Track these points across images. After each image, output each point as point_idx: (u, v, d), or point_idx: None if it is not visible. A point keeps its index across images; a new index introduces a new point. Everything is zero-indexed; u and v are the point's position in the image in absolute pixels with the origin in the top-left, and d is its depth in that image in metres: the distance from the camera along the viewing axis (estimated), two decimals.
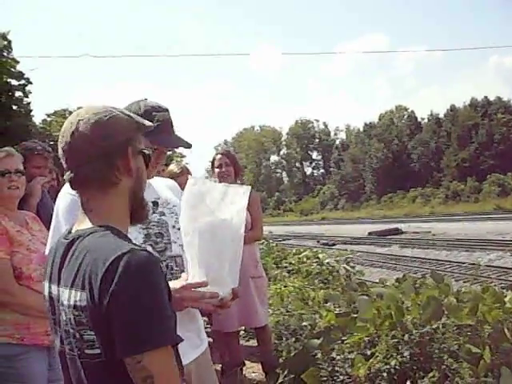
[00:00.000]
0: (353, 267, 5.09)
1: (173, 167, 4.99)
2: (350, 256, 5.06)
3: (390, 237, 28.88)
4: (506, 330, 2.09)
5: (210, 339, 5.24)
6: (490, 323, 2.03)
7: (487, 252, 19.02)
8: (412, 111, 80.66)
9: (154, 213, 2.16)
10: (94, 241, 1.38)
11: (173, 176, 4.13)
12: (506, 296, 2.16)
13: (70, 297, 1.37)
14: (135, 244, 1.40)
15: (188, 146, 2.24)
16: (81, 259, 1.37)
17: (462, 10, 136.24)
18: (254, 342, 5.42)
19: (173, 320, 1.35)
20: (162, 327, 1.30)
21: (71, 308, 1.36)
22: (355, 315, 2.86)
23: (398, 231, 31.50)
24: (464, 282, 13.70)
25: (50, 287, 1.50)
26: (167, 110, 2.18)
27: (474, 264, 15.71)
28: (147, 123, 1.56)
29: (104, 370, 1.34)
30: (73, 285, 1.37)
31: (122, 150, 1.45)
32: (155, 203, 2.19)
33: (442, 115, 74.04)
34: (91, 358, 1.35)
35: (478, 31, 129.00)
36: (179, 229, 2.05)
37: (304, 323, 4.86)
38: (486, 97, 67.02)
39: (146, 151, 1.53)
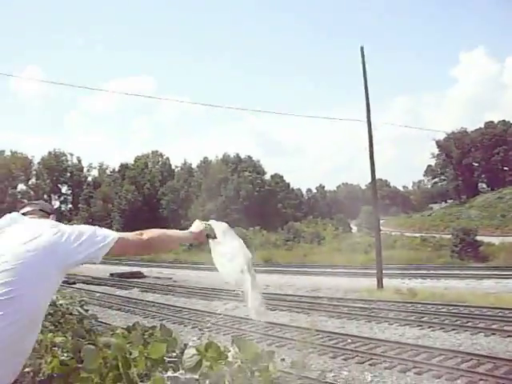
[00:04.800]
0: (86, 310, 4.88)
1: None
2: (85, 298, 4.87)
3: (131, 280, 28.77)
4: (226, 383, 2.14)
5: None
6: (211, 377, 2.07)
7: (224, 302, 19.91)
8: (167, 158, 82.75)
9: None
10: None
11: None
12: (229, 351, 2.22)
13: None
14: None
15: None
16: None
17: (224, 69, 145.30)
18: None
19: None
20: None
21: None
22: (80, 365, 2.70)
23: (140, 275, 31.54)
24: (200, 330, 14.16)
25: None
26: None
27: (211, 312, 16.33)
28: None
29: None
30: None
31: None
32: None
33: (195, 165, 77.01)
34: None
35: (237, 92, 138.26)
36: None
37: (27, 369, 4.49)
38: (237, 154, 71.50)
39: None
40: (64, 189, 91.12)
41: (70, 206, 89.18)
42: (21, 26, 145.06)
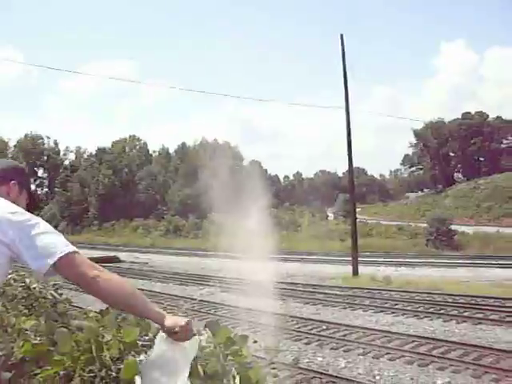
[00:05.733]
0: (60, 294, 4.84)
1: None
2: (59, 282, 4.82)
3: (107, 264, 28.61)
4: (198, 366, 2.16)
5: None
6: None
7: (200, 287, 19.95)
8: (145, 143, 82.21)
9: None
10: None
11: None
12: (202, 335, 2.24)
13: None
14: None
15: None
16: None
17: (204, 54, 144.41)
18: None
19: None
20: None
21: None
22: (52, 348, 2.69)
23: (116, 259, 31.42)
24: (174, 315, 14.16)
25: None
26: None
27: (188, 298, 16.32)
28: None
29: None
30: None
31: None
32: None
33: (172, 151, 76.67)
34: None
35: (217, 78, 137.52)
36: None
37: None
38: (215, 139, 71.18)
39: None
40: (40, 172, 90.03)
41: (47, 189, 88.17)
42: None
